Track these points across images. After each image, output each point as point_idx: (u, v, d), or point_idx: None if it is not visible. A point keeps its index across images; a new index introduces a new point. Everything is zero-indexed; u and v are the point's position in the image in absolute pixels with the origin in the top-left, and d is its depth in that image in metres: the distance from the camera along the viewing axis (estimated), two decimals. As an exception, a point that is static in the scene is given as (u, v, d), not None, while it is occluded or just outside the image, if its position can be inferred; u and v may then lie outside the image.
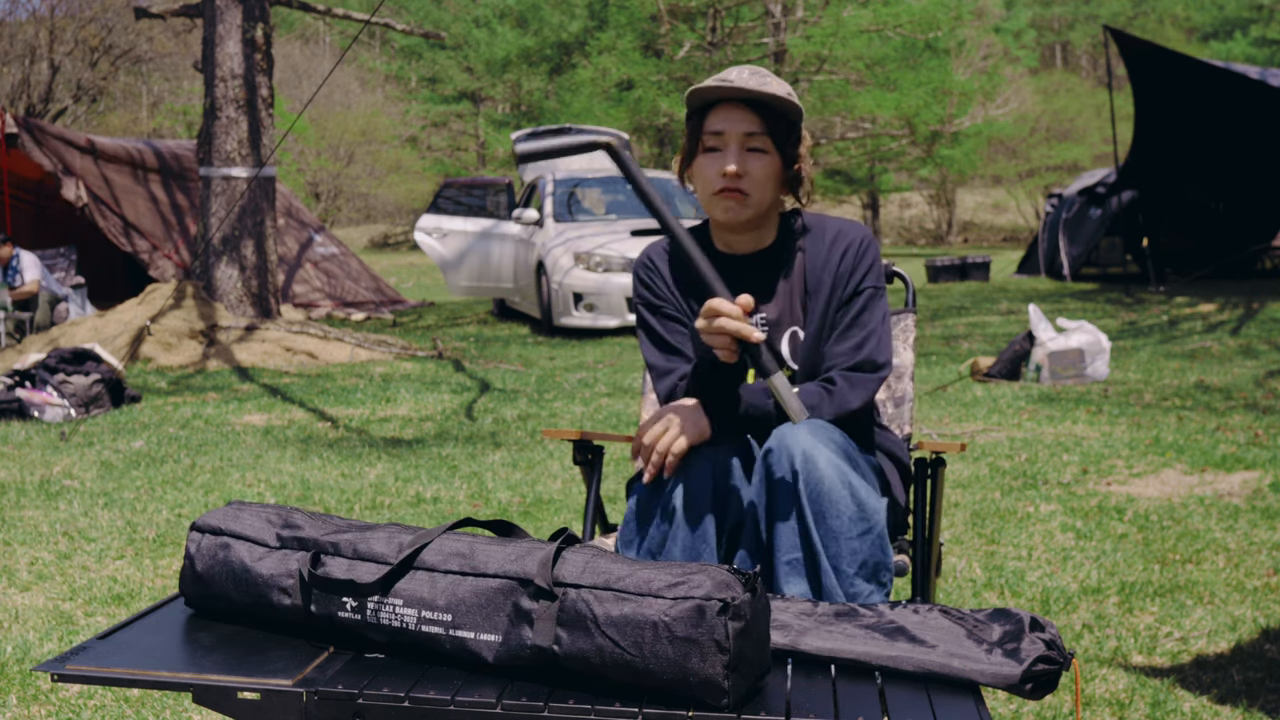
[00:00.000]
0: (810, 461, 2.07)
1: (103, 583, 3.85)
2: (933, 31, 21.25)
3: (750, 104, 2.29)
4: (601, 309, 11.30)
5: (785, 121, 2.31)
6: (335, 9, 12.09)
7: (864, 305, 2.35)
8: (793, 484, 2.07)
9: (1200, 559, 3.98)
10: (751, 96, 2.27)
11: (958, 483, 5.08)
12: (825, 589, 2.07)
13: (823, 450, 2.09)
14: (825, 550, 2.07)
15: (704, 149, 2.33)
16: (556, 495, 4.98)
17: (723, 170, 2.29)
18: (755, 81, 2.28)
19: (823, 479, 2.07)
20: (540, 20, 26.79)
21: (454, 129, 36.56)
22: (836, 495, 2.07)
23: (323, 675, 1.71)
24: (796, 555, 2.08)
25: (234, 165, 10.25)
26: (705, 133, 2.32)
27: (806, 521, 2.07)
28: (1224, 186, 16.85)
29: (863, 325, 2.34)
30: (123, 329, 9.55)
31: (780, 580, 2.09)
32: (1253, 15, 40.16)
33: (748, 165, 2.29)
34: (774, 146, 2.31)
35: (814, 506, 2.07)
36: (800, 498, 2.07)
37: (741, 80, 2.28)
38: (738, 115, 2.29)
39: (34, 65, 25.70)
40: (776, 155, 2.31)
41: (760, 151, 2.30)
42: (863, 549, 2.09)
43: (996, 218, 35.88)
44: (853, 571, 2.08)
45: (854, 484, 2.09)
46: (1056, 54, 48.94)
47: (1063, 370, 7.80)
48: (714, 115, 2.31)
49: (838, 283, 2.35)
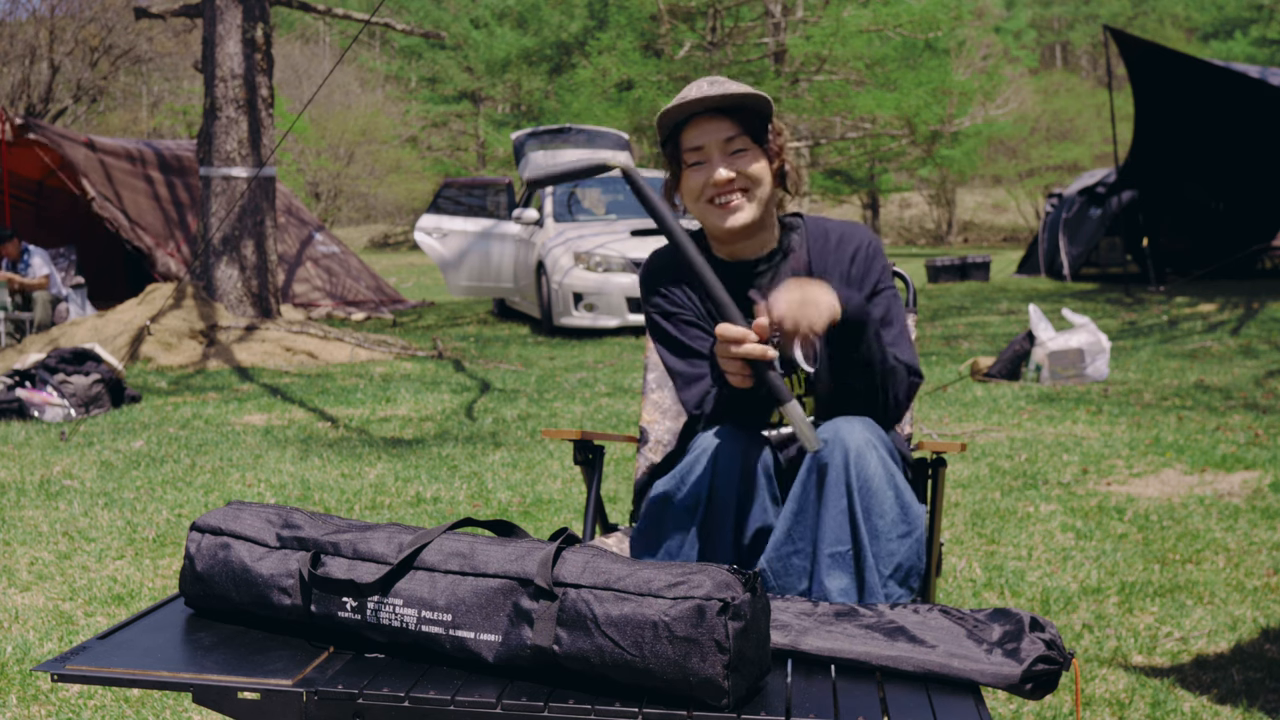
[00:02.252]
0: (862, 458, 2.07)
1: (103, 583, 3.85)
2: (933, 31, 21.23)
3: (721, 111, 2.28)
4: (601, 309, 11.30)
5: (759, 118, 2.32)
6: (335, 9, 12.09)
7: (888, 305, 2.34)
8: (844, 477, 2.07)
9: (1200, 559, 3.98)
10: (716, 103, 2.27)
11: (958, 483, 5.08)
12: (868, 585, 2.07)
13: (874, 448, 2.09)
14: (870, 548, 2.07)
15: (687, 166, 2.32)
16: (556, 495, 4.98)
17: (712, 180, 2.28)
18: (716, 89, 2.28)
19: (872, 477, 2.07)
20: (540, 20, 26.79)
21: (454, 129, 36.58)
22: (883, 495, 2.07)
23: (323, 675, 1.71)
24: (843, 548, 2.08)
25: (234, 165, 10.25)
26: (685, 151, 2.32)
27: (856, 516, 2.07)
28: (1224, 186, 16.85)
29: (890, 325, 2.32)
30: (123, 329, 9.55)
31: (823, 572, 2.08)
32: (1253, 15, 40.17)
33: (737, 167, 2.29)
34: (754, 144, 2.31)
35: (863, 502, 2.07)
36: (852, 492, 2.07)
37: (701, 92, 2.28)
38: (712, 125, 2.29)
39: (34, 65, 25.70)
40: (760, 151, 2.32)
41: (744, 151, 2.30)
42: (900, 551, 2.09)
43: (996, 218, 35.87)
44: (888, 573, 2.08)
45: (899, 486, 2.10)
46: (1056, 54, 48.94)
47: (1063, 370, 7.80)
48: (689, 132, 2.31)
49: (852, 284, 2.34)
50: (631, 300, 11.20)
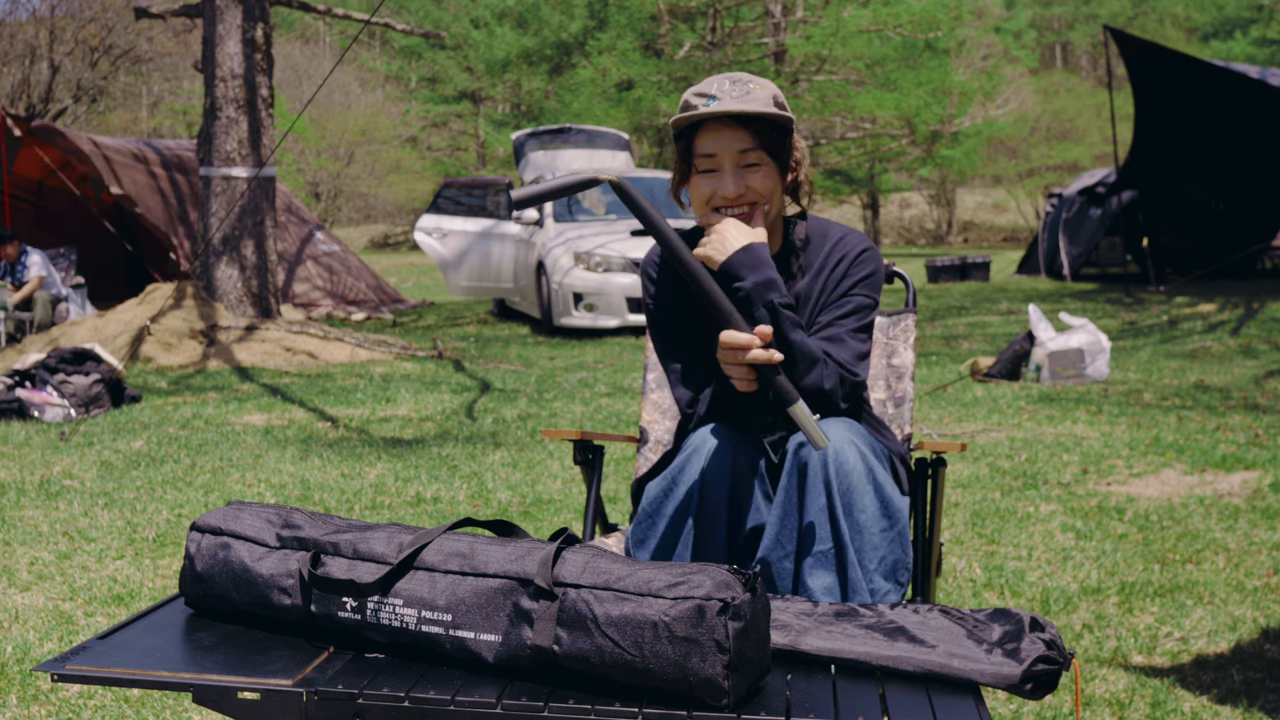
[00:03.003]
0: (840, 455, 2.07)
1: (103, 583, 3.85)
2: (933, 31, 21.24)
3: (739, 119, 2.21)
4: (601, 309, 11.30)
5: (776, 130, 2.24)
6: (335, 9, 12.08)
7: (847, 311, 2.29)
8: (822, 475, 2.07)
9: (1200, 559, 3.98)
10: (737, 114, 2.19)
11: (958, 483, 5.08)
12: (851, 582, 2.07)
13: (852, 444, 2.09)
14: (851, 544, 2.07)
15: (697, 171, 2.25)
16: (556, 495, 4.98)
17: (720, 193, 2.23)
18: (738, 93, 2.20)
19: (851, 472, 2.07)
20: (540, 20, 26.78)
21: (454, 129, 36.57)
22: (862, 490, 2.08)
23: (323, 675, 1.71)
24: (824, 547, 2.08)
25: (234, 165, 10.26)
26: (697, 155, 2.24)
27: (836, 514, 2.07)
28: (1224, 186, 16.86)
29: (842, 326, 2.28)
30: (123, 329, 9.55)
31: (806, 572, 2.09)
32: (1253, 15, 40.18)
33: (747, 182, 2.23)
34: (769, 158, 2.24)
35: (843, 499, 2.07)
36: (831, 489, 2.07)
37: (724, 93, 2.20)
38: (727, 134, 2.21)
39: (34, 65, 25.70)
40: (773, 165, 2.25)
41: (756, 166, 2.23)
42: (884, 545, 2.09)
43: (996, 218, 35.88)
44: (874, 568, 2.08)
45: (879, 480, 2.10)
46: (1056, 54, 48.95)
47: (1063, 370, 7.80)
48: (703, 136, 2.23)
49: (827, 286, 2.32)
50: (631, 300, 11.21)
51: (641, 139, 23.48)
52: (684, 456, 2.17)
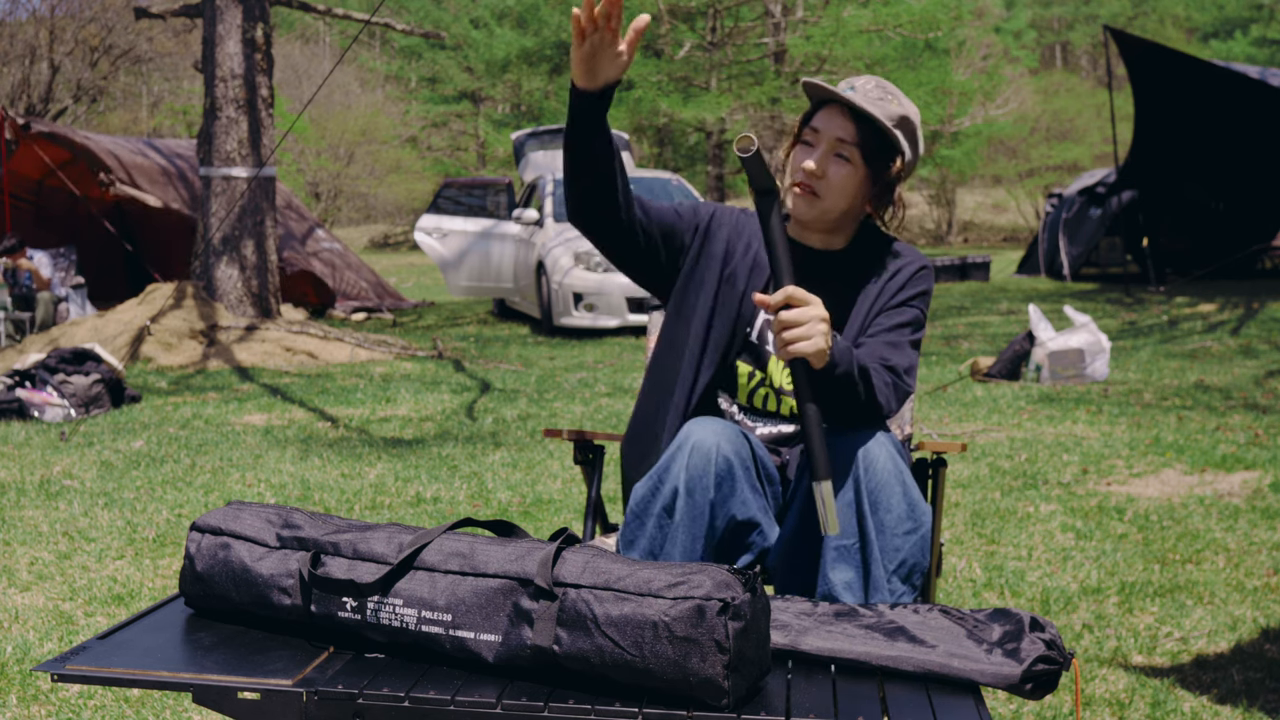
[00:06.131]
0: (869, 452, 2.07)
1: (103, 583, 3.85)
2: (933, 31, 21.22)
3: (854, 112, 2.31)
4: (601, 309, 11.30)
5: (881, 139, 2.32)
6: (335, 9, 12.08)
7: (907, 321, 2.34)
8: (851, 470, 2.07)
9: (1200, 559, 3.99)
10: (851, 105, 2.29)
11: (958, 483, 5.08)
12: (873, 579, 2.06)
13: (882, 445, 2.08)
14: (876, 541, 2.06)
15: (801, 141, 2.37)
16: (556, 495, 4.98)
17: (803, 165, 2.33)
18: (875, 95, 2.32)
19: (880, 471, 2.06)
20: (540, 20, 26.76)
21: (454, 129, 36.54)
22: (890, 490, 2.07)
23: (323, 675, 1.71)
24: (849, 541, 2.07)
25: (234, 165, 10.26)
26: (807, 127, 2.36)
27: (863, 509, 2.06)
28: (1224, 186, 16.85)
29: (901, 334, 2.31)
30: (123, 329, 9.55)
31: (828, 565, 2.08)
32: (1253, 15, 40.17)
33: (828, 169, 2.32)
34: (862, 159, 2.32)
35: (870, 496, 2.06)
36: (860, 485, 2.06)
37: (864, 90, 2.32)
38: (837, 120, 2.32)
39: (34, 65, 25.69)
40: (863, 168, 2.33)
41: (845, 160, 2.32)
42: (905, 547, 2.08)
43: (996, 218, 35.86)
44: (892, 569, 2.07)
45: (907, 482, 2.09)
46: (1056, 54, 48.94)
47: (1063, 370, 7.80)
48: (820, 113, 2.35)
49: (883, 294, 2.36)
50: (631, 300, 11.20)
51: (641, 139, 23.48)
52: (669, 454, 2.16)
